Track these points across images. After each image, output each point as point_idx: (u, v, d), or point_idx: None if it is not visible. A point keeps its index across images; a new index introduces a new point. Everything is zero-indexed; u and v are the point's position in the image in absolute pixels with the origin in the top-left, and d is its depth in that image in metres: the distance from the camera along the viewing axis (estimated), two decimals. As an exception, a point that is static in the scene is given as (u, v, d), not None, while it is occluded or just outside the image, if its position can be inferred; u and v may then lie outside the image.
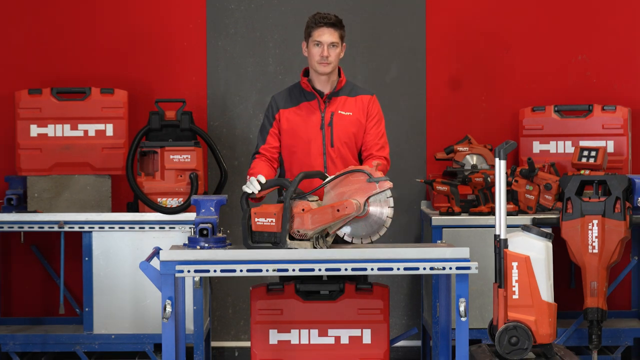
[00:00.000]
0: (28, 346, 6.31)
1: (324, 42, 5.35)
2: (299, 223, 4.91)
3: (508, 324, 4.98)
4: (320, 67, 5.38)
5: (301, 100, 5.46)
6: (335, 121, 5.43)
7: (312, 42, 5.38)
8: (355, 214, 4.90)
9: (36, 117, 6.41)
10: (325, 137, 5.42)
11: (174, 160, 6.33)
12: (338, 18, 5.42)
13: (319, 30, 5.37)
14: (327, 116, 5.43)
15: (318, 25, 5.37)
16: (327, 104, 5.44)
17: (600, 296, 6.02)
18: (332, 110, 5.44)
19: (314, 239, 4.92)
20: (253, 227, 4.95)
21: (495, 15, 6.92)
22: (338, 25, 5.40)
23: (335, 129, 5.42)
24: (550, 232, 5.06)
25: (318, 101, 5.44)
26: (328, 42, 5.36)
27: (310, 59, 5.42)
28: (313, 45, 5.38)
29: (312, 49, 5.39)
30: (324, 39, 5.36)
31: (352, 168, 4.99)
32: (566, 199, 6.07)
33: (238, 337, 6.93)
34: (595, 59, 6.93)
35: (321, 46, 5.36)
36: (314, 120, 5.43)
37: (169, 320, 4.80)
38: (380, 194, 4.93)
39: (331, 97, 5.45)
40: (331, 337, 5.20)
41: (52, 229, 6.23)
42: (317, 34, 5.37)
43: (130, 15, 6.84)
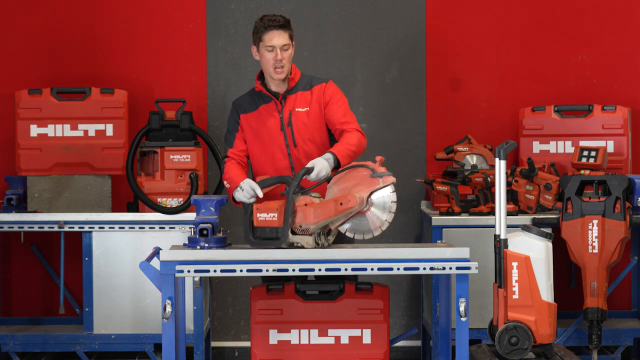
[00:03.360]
0: (28, 346, 6.31)
1: (276, 45, 5.27)
2: (301, 217, 4.92)
3: (508, 324, 4.98)
4: (275, 74, 5.29)
5: (259, 103, 5.39)
6: (294, 120, 5.35)
7: (263, 46, 5.28)
8: (358, 209, 4.90)
9: (36, 117, 6.41)
10: (287, 137, 5.35)
11: (174, 160, 6.33)
12: (286, 18, 5.35)
13: (270, 34, 5.28)
14: (286, 116, 5.36)
15: (268, 29, 5.28)
16: (284, 104, 5.36)
17: (600, 296, 6.02)
18: (289, 109, 5.36)
19: (316, 234, 4.92)
20: (255, 223, 4.95)
21: (495, 15, 6.92)
22: (287, 26, 5.32)
23: (295, 127, 5.35)
24: (550, 232, 5.06)
25: (275, 103, 5.37)
26: (280, 45, 5.27)
27: (264, 64, 5.32)
28: (265, 50, 5.28)
29: (264, 54, 5.29)
30: (275, 42, 5.27)
31: (355, 163, 4.98)
32: (566, 199, 6.07)
33: (238, 337, 6.93)
34: (595, 59, 6.93)
35: (274, 50, 5.27)
36: (273, 122, 5.36)
37: (169, 320, 4.80)
38: (384, 188, 4.93)
39: (286, 96, 5.37)
40: (331, 337, 5.20)
41: (52, 229, 6.23)
42: (268, 38, 5.27)
43: (131, 15, 6.84)
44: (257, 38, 5.31)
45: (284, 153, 5.36)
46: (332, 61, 6.90)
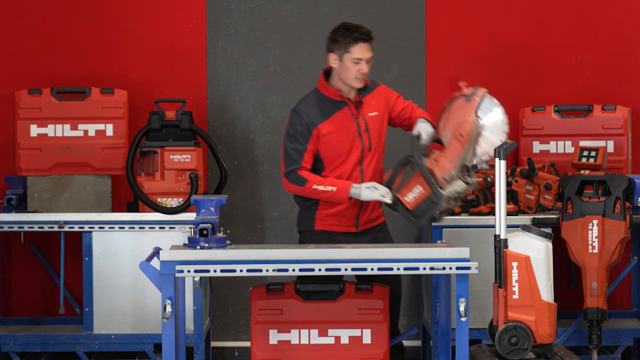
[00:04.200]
0: (28, 346, 6.31)
1: (364, 58, 5.30)
2: (439, 171, 5.18)
3: (508, 324, 4.98)
4: (356, 82, 5.35)
5: (332, 111, 5.39)
6: (369, 124, 5.42)
7: (349, 58, 5.30)
8: (476, 130, 5.14)
9: (36, 117, 6.41)
10: (363, 142, 5.40)
11: (174, 160, 6.33)
12: (370, 30, 5.37)
13: (358, 47, 5.30)
14: (362, 122, 5.41)
15: (357, 42, 5.30)
16: (359, 109, 5.42)
17: (600, 296, 6.02)
18: (363, 114, 5.42)
19: (461, 176, 5.17)
20: (410, 207, 5.15)
21: (495, 15, 6.92)
22: (372, 37, 5.36)
23: (371, 132, 5.42)
24: (550, 232, 5.06)
25: (350, 108, 5.40)
26: (366, 58, 5.32)
27: (345, 72, 5.34)
28: (351, 62, 5.30)
29: (349, 65, 5.31)
30: (363, 55, 5.30)
31: (445, 103, 5.23)
32: (566, 199, 6.07)
33: (238, 337, 6.93)
34: (595, 59, 6.93)
35: (360, 63, 5.30)
36: (351, 129, 5.39)
37: (169, 320, 4.80)
38: (484, 101, 5.15)
39: (362, 101, 5.42)
40: (331, 337, 5.20)
41: (52, 229, 6.23)
42: (357, 51, 5.30)
43: (131, 15, 6.84)
44: (342, 48, 5.32)
45: (357, 158, 5.41)
46: (332, 61, 6.90)
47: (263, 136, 6.90)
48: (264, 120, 6.90)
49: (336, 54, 5.36)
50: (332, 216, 5.47)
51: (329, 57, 5.40)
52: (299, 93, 6.86)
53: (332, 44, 5.38)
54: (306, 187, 5.35)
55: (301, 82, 6.88)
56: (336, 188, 5.32)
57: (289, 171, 5.39)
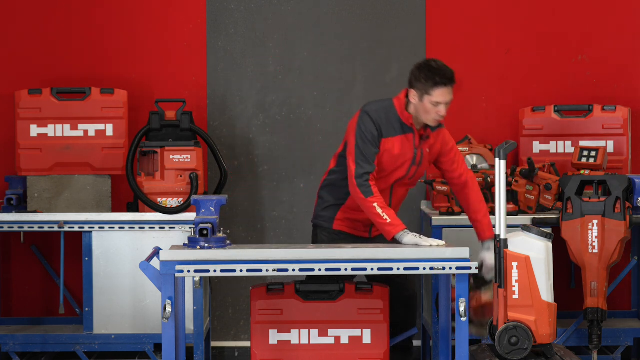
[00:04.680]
0: (28, 346, 6.30)
1: (443, 102, 5.24)
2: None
3: (508, 324, 4.98)
4: (433, 122, 5.30)
5: (398, 132, 5.33)
6: (423, 158, 5.40)
7: (429, 100, 5.22)
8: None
9: (36, 117, 6.41)
10: (409, 171, 5.39)
11: (174, 160, 6.33)
12: (453, 71, 5.27)
13: (440, 91, 5.22)
14: (419, 154, 5.38)
15: (438, 86, 5.21)
16: (422, 142, 5.38)
17: (600, 296, 6.01)
18: (422, 147, 5.39)
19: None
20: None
21: (495, 15, 6.92)
22: (454, 80, 5.26)
23: (420, 166, 5.41)
24: (550, 232, 5.06)
25: (414, 137, 5.36)
26: (446, 102, 5.25)
27: (423, 112, 5.26)
28: (430, 103, 5.23)
29: (427, 106, 5.23)
30: (442, 99, 5.23)
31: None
32: (566, 199, 6.07)
33: (238, 337, 6.93)
34: (595, 59, 6.93)
35: (439, 106, 5.24)
36: (408, 155, 5.36)
37: (169, 320, 4.80)
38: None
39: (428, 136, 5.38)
40: (331, 337, 5.20)
41: (52, 229, 6.23)
42: (438, 95, 5.22)
43: (131, 15, 6.84)
44: (423, 89, 5.23)
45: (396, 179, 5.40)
46: (332, 61, 6.90)
47: (263, 136, 6.90)
48: (264, 120, 6.90)
49: (417, 92, 5.26)
50: (350, 220, 5.48)
51: (409, 92, 5.29)
52: (299, 93, 6.89)
53: (415, 81, 5.27)
54: (368, 200, 5.24)
55: (301, 82, 6.88)
56: (390, 220, 5.21)
57: (362, 174, 5.28)
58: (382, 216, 5.23)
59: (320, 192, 5.57)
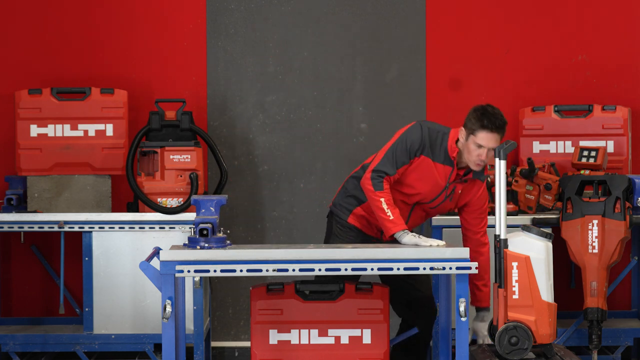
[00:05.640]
0: (28, 346, 6.30)
1: (486, 147, 5.17)
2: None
3: (508, 324, 4.98)
4: (475, 166, 5.25)
5: (440, 159, 5.30)
6: (453, 197, 5.36)
7: (473, 140, 5.18)
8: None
9: (36, 117, 6.41)
10: (436, 200, 5.36)
11: (174, 160, 6.33)
12: (505, 121, 5.19)
13: (485, 135, 5.15)
14: (450, 189, 5.34)
15: (484, 129, 5.15)
16: (457, 181, 5.34)
17: (600, 296, 6.01)
18: (455, 185, 5.34)
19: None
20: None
21: (495, 15, 6.92)
22: (504, 130, 5.20)
23: (446, 202, 5.37)
24: (550, 232, 5.06)
25: (452, 173, 5.31)
26: (490, 147, 5.18)
27: (466, 152, 5.22)
28: (474, 144, 5.18)
29: (471, 146, 5.19)
30: (487, 143, 5.17)
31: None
32: (566, 199, 6.07)
33: (238, 337, 6.93)
34: (595, 59, 6.93)
35: (482, 149, 5.18)
36: (439, 185, 5.32)
37: (169, 320, 4.80)
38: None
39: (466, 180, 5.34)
40: (331, 337, 5.20)
41: (52, 229, 6.23)
42: (482, 138, 5.16)
43: (131, 15, 6.84)
44: (471, 129, 5.19)
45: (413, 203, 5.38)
46: (332, 61, 6.90)
47: (263, 136, 6.90)
48: (264, 120, 6.90)
49: (466, 130, 5.23)
50: (365, 219, 5.47)
51: (460, 131, 5.27)
52: (299, 93, 6.89)
53: (467, 120, 5.24)
54: (376, 194, 5.23)
55: (301, 82, 6.88)
56: (392, 218, 5.21)
57: (381, 171, 5.27)
58: (386, 212, 5.22)
59: (347, 182, 5.56)
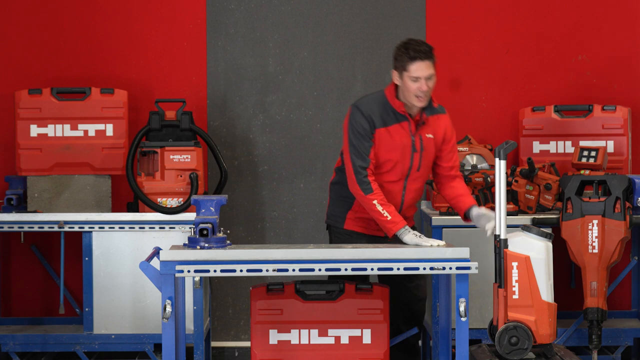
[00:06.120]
0: (28, 346, 6.31)
1: (422, 76, 5.21)
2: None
3: (508, 324, 4.98)
4: (417, 101, 5.25)
5: (392, 121, 5.32)
6: (424, 145, 5.36)
7: (408, 76, 5.21)
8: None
9: (36, 117, 6.41)
10: (413, 160, 5.35)
11: (174, 160, 6.33)
12: (429, 46, 5.25)
13: (416, 65, 5.20)
14: (417, 140, 5.34)
15: (414, 60, 5.19)
16: (419, 128, 5.35)
17: (600, 296, 6.01)
18: (420, 134, 5.35)
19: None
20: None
21: (495, 15, 6.92)
22: (432, 55, 5.24)
23: (424, 153, 5.37)
24: (550, 232, 5.06)
25: (409, 124, 5.33)
26: (425, 76, 5.22)
27: (406, 91, 5.25)
28: (409, 80, 5.22)
29: (408, 83, 5.22)
30: (420, 73, 5.20)
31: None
32: (566, 199, 6.07)
33: (238, 337, 6.93)
34: (595, 59, 6.93)
35: (419, 81, 5.21)
36: (406, 143, 5.33)
37: (169, 320, 4.80)
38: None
39: (424, 122, 5.35)
40: (331, 337, 5.20)
41: (52, 229, 6.23)
42: (415, 70, 5.20)
43: (131, 15, 6.84)
44: (401, 66, 5.24)
45: (403, 173, 5.37)
46: (332, 61, 6.90)
47: (263, 136, 6.90)
48: (264, 120, 6.90)
49: (397, 72, 5.27)
50: (361, 219, 5.45)
51: (392, 74, 5.32)
52: (299, 93, 6.89)
53: (394, 61, 5.29)
54: (367, 198, 5.26)
55: (301, 82, 6.88)
56: (390, 218, 5.23)
57: (359, 170, 5.29)
58: (382, 213, 5.23)
59: (330, 191, 5.57)
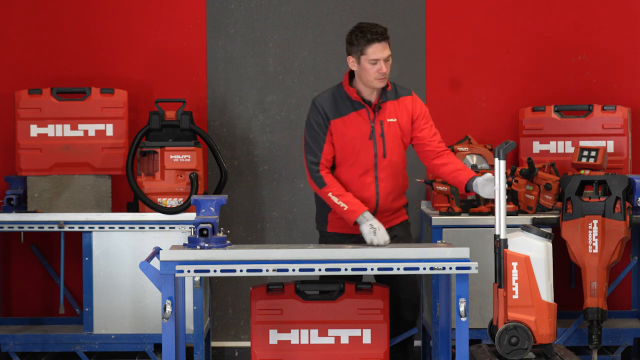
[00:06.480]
0: (28, 346, 6.31)
1: (380, 58, 5.19)
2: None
3: (508, 324, 4.98)
4: (378, 83, 5.24)
5: (349, 110, 5.32)
6: (385, 130, 5.33)
7: (366, 60, 5.19)
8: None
9: (36, 117, 6.41)
10: (377, 147, 5.33)
11: (174, 160, 6.33)
12: (384, 27, 5.24)
13: (373, 47, 5.18)
14: (377, 126, 5.32)
15: (371, 42, 5.18)
16: (377, 113, 5.33)
17: (600, 296, 6.02)
18: (380, 119, 5.33)
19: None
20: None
21: (495, 15, 6.92)
22: (387, 35, 5.23)
23: (386, 138, 5.33)
24: (550, 232, 5.06)
25: (367, 111, 5.31)
26: (384, 58, 5.21)
27: (364, 74, 5.23)
28: (368, 62, 5.19)
29: (366, 66, 5.20)
30: (379, 55, 5.19)
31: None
32: (566, 199, 6.07)
33: (238, 337, 6.93)
34: (595, 59, 6.93)
35: (378, 63, 5.20)
36: (364, 131, 5.31)
37: (169, 320, 4.80)
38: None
39: (380, 105, 5.32)
40: (331, 337, 5.20)
41: (52, 229, 6.23)
42: (372, 52, 5.19)
43: (130, 15, 6.84)
44: (358, 50, 5.22)
45: (371, 162, 5.34)
46: (332, 61, 6.90)
47: (263, 136, 6.90)
48: (264, 120, 6.90)
49: (354, 57, 5.26)
50: (342, 220, 5.41)
51: (348, 60, 5.30)
52: (299, 93, 6.90)
53: (349, 46, 5.28)
54: (323, 191, 5.29)
55: (301, 82, 6.88)
56: (347, 207, 5.24)
57: (310, 165, 5.32)
58: (338, 205, 5.25)
59: (315, 197, 5.57)
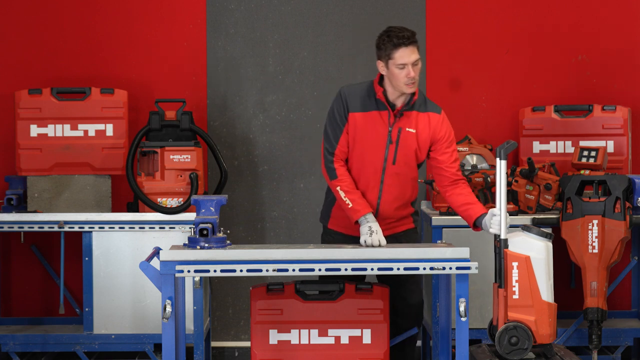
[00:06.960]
0: (28, 346, 6.31)
1: (408, 63, 5.13)
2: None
3: (508, 324, 4.98)
4: (407, 88, 5.16)
5: (372, 108, 5.25)
6: (401, 138, 5.27)
7: (394, 64, 5.13)
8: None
9: (36, 117, 6.41)
10: (388, 152, 5.27)
11: (174, 160, 6.33)
12: (412, 31, 5.17)
13: (401, 52, 5.12)
14: (394, 132, 5.25)
15: (398, 47, 5.11)
16: (397, 120, 5.26)
17: (600, 296, 6.02)
18: (399, 126, 5.26)
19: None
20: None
21: (495, 15, 6.92)
22: (415, 39, 5.16)
23: (400, 146, 5.27)
24: (550, 232, 5.06)
25: (389, 114, 5.25)
26: (411, 62, 5.14)
27: (393, 79, 5.16)
28: (396, 67, 5.13)
29: (395, 71, 5.13)
30: (406, 60, 5.12)
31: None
32: (566, 199, 6.07)
33: (238, 337, 6.93)
34: (595, 59, 6.93)
35: (406, 68, 5.13)
36: (381, 132, 5.25)
37: (169, 320, 4.80)
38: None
39: (403, 112, 5.26)
40: (331, 337, 5.20)
41: (52, 229, 6.23)
42: (400, 57, 5.12)
43: (131, 15, 6.84)
44: (385, 55, 5.16)
45: (379, 166, 5.29)
46: (332, 61, 6.91)
47: (263, 136, 6.90)
48: (264, 120, 6.90)
49: (382, 61, 5.20)
50: (345, 218, 5.37)
51: (377, 65, 5.24)
52: (298, 93, 6.90)
53: (378, 51, 5.21)
54: (333, 183, 5.26)
55: (301, 82, 6.88)
56: (352, 205, 5.21)
57: (326, 153, 5.29)
58: (344, 200, 5.23)
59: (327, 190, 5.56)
